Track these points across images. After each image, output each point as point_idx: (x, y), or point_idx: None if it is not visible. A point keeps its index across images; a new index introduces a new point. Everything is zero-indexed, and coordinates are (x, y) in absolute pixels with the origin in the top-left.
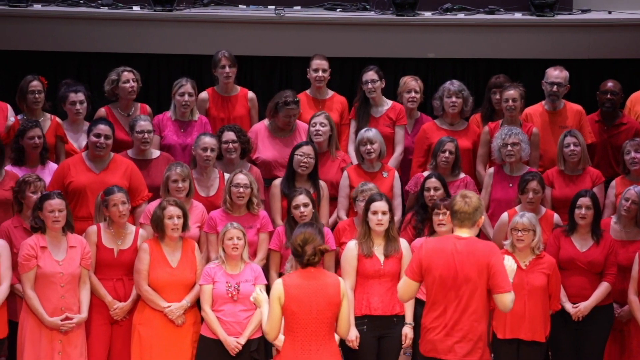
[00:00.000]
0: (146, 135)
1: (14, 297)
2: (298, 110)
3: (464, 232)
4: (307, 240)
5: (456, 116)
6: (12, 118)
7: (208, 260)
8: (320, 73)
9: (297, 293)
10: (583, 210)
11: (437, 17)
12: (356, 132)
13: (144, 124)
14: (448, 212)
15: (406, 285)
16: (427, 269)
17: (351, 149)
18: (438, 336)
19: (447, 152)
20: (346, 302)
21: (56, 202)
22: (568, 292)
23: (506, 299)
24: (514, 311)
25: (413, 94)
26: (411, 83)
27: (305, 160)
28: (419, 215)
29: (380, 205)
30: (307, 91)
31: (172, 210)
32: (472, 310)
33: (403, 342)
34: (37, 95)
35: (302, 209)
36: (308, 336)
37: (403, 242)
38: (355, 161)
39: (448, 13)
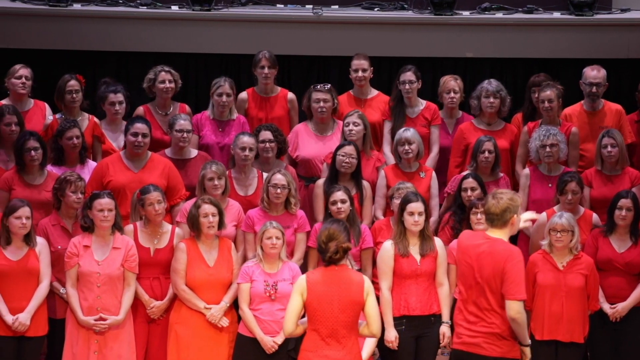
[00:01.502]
0: (185, 135)
1: (54, 295)
2: (330, 98)
3: (494, 232)
4: (332, 237)
5: (493, 116)
6: (50, 117)
7: (245, 259)
8: (360, 73)
9: (320, 290)
10: (623, 212)
11: (475, 17)
12: (391, 132)
13: (183, 122)
14: None
15: (452, 271)
16: (456, 262)
17: (386, 149)
18: (462, 330)
19: (487, 152)
20: (372, 300)
21: (106, 202)
22: (606, 293)
23: (515, 306)
24: (552, 312)
25: (452, 94)
26: (450, 83)
27: (347, 160)
28: (457, 216)
29: (416, 206)
30: (351, 91)
31: (207, 208)
32: (491, 308)
33: (441, 341)
34: (74, 95)
35: (339, 204)
36: (329, 333)
37: (438, 241)
38: (389, 161)
39: (486, 12)
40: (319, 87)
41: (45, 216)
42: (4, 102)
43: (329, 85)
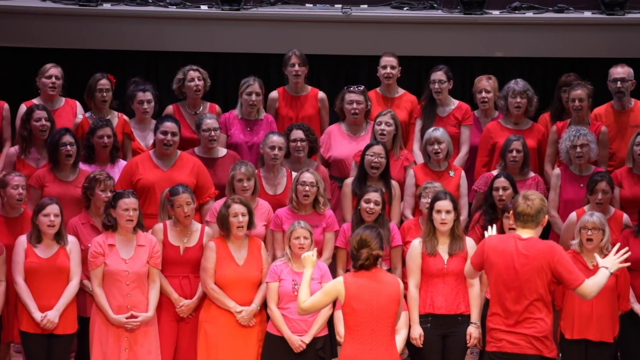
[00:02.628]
0: (212, 134)
1: (84, 294)
2: (363, 100)
3: (526, 233)
4: (364, 243)
5: (520, 116)
6: (80, 116)
7: (274, 258)
8: (388, 70)
9: (359, 292)
10: None
11: (505, 16)
12: (421, 131)
13: (210, 122)
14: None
15: (469, 269)
16: (488, 267)
17: (416, 148)
18: (502, 334)
19: (515, 151)
20: (402, 302)
21: (131, 201)
22: (636, 293)
23: (584, 290)
24: (582, 312)
25: (484, 94)
26: (482, 82)
27: (376, 160)
28: (488, 215)
29: (444, 204)
30: (377, 89)
31: (237, 208)
32: (534, 309)
33: (468, 342)
34: (104, 94)
35: (372, 205)
36: (368, 334)
37: (469, 241)
38: (419, 160)
39: (516, 12)
40: (352, 88)
41: (79, 212)
42: (34, 101)
43: (362, 87)
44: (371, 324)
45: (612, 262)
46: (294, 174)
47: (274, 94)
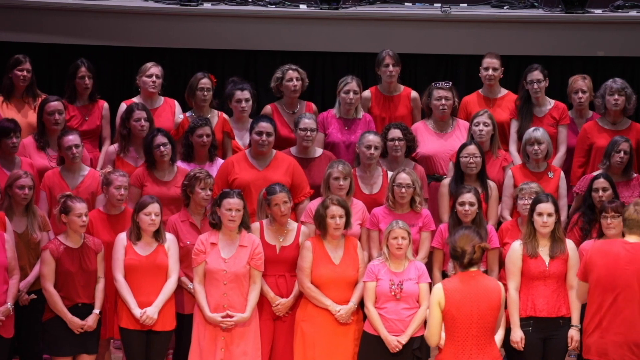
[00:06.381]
0: (309, 134)
1: (182, 291)
2: (451, 96)
3: (632, 238)
4: (467, 239)
5: (619, 114)
6: (180, 115)
7: (370, 256)
8: (490, 72)
9: (458, 298)
10: None
11: (608, 15)
12: (518, 131)
13: (308, 122)
14: (618, 217)
15: (580, 287)
16: (589, 269)
17: (513, 149)
18: (594, 338)
19: (622, 152)
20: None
21: (235, 202)
22: None
23: None
24: None
25: (580, 94)
26: (578, 82)
27: (471, 160)
28: (586, 217)
29: (545, 207)
30: (480, 90)
31: (335, 210)
32: (628, 314)
33: (569, 345)
34: (205, 93)
35: (467, 207)
36: (469, 340)
37: (569, 243)
38: (516, 161)
39: (619, 10)
40: (440, 84)
41: (176, 212)
42: (134, 99)
43: (450, 83)
44: (471, 330)
45: None
46: (390, 173)
47: (366, 93)
